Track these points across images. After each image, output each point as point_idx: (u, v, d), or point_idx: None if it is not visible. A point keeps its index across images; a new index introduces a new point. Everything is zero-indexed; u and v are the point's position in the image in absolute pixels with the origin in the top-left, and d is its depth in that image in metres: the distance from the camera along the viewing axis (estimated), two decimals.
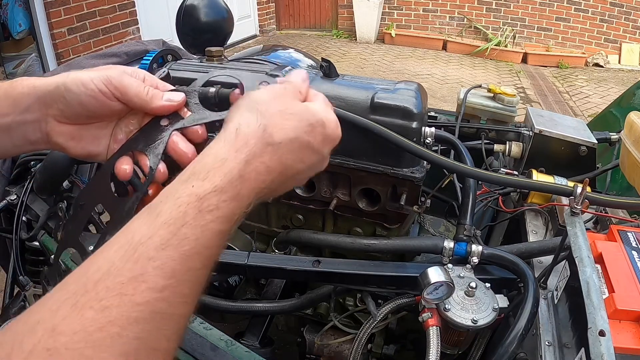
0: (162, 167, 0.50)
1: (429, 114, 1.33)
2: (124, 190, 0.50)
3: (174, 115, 0.52)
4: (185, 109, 0.53)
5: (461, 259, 0.79)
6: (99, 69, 0.51)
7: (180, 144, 0.51)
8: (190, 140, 0.52)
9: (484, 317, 0.70)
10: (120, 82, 0.49)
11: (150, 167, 0.49)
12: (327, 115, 0.49)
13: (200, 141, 0.52)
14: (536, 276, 0.75)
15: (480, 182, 0.97)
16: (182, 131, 0.51)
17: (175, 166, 0.50)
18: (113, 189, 0.50)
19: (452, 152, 0.99)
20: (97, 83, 0.48)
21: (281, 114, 0.45)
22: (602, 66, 6.34)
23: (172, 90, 0.54)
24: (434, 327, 0.70)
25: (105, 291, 0.33)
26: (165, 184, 0.50)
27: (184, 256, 0.36)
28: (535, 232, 0.93)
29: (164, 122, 0.52)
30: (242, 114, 0.44)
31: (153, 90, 0.50)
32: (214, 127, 0.51)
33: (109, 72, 0.49)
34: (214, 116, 0.52)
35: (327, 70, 0.91)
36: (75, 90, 0.48)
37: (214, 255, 0.40)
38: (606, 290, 0.60)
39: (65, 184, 1.05)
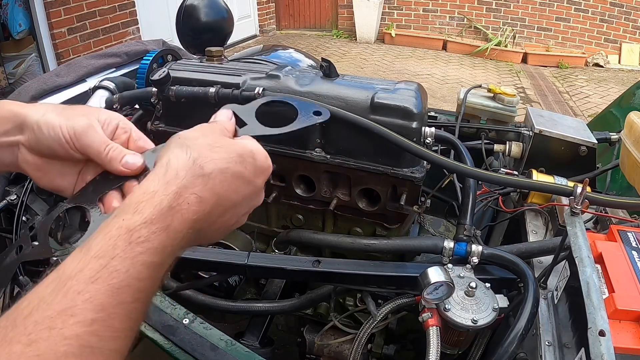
0: None
1: (429, 114, 1.33)
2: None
3: None
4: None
5: (461, 259, 0.79)
6: (73, 113, 0.51)
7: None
8: None
9: (484, 317, 0.70)
10: (83, 138, 0.49)
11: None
12: (256, 147, 0.49)
13: None
14: (536, 276, 0.75)
15: (480, 182, 0.97)
16: None
17: None
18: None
19: (452, 152, 0.99)
20: (64, 133, 0.49)
21: (210, 147, 0.45)
22: (602, 66, 6.34)
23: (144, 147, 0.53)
24: (434, 327, 0.70)
25: (33, 325, 0.33)
26: None
27: (113, 289, 0.36)
28: (535, 232, 0.93)
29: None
30: (172, 151, 0.45)
31: (113, 152, 0.50)
32: None
33: (77, 124, 0.49)
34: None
35: (327, 70, 0.91)
36: (45, 133, 0.49)
37: (147, 288, 0.39)
38: (606, 290, 0.60)
39: None
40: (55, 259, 1.00)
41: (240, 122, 0.55)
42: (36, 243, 0.51)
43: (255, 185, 0.49)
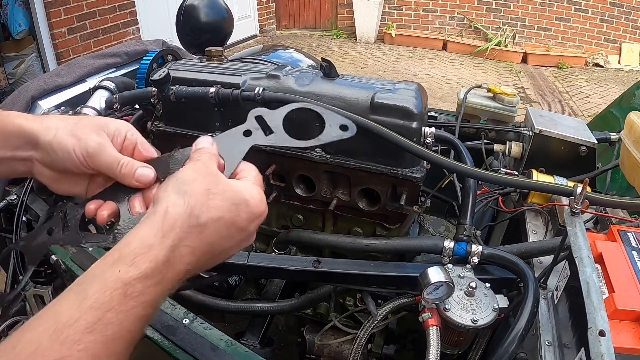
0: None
1: (429, 114, 1.33)
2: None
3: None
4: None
5: (461, 259, 0.79)
6: (84, 130, 0.52)
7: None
8: None
9: (484, 317, 0.70)
10: (95, 159, 0.51)
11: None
12: (250, 193, 0.49)
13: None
14: (536, 276, 0.75)
15: (480, 182, 0.97)
16: None
17: None
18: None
19: (452, 152, 0.99)
20: (78, 155, 0.51)
21: (206, 194, 0.46)
22: (602, 66, 6.33)
23: (150, 157, 0.55)
24: (434, 327, 0.70)
25: None
26: None
27: (107, 340, 0.38)
28: (535, 232, 0.93)
29: None
30: (169, 196, 0.45)
31: (126, 167, 0.52)
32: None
33: (89, 145, 0.51)
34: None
35: (327, 70, 0.91)
36: (59, 155, 0.52)
37: (135, 338, 0.41)
38: (606, 290, 0.60)
39: None
40: (55, 258, 1.00)
41: (266, 129, 0.55)
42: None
43: (248, 231, 0.49)
